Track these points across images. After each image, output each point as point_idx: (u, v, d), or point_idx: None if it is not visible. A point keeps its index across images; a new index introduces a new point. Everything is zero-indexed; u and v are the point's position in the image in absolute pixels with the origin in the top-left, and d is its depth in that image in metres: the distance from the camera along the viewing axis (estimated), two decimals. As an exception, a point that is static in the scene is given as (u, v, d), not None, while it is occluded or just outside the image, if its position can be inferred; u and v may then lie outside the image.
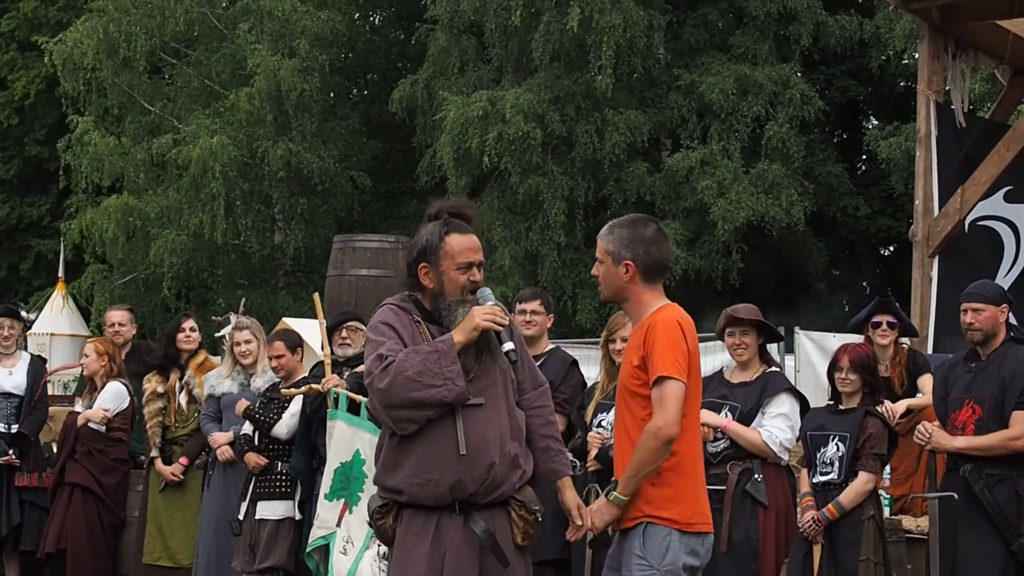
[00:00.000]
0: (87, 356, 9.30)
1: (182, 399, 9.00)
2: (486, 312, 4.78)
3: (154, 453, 8.91)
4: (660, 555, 4.76)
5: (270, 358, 8.25)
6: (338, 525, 7.13)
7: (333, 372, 7.59)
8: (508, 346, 4.80)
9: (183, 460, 8.87)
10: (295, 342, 8.33)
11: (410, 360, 4.71)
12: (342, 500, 7.16)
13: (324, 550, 7.24)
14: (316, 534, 7.27)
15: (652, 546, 4.77)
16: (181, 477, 8.87)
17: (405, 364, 4.71)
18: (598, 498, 4.99)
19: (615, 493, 4.77)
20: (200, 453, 8.92)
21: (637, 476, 4.74)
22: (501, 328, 4.79)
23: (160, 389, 9.00)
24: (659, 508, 4.77)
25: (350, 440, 7.16)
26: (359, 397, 7.07)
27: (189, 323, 9.21)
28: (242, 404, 8.30)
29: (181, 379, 9.03)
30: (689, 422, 4.86)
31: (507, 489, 4.83)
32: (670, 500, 4.78)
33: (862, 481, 6.60)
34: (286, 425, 8.07)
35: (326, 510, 7.24)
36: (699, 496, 4.87)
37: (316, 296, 8.17)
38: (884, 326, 8.12)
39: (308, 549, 7.35)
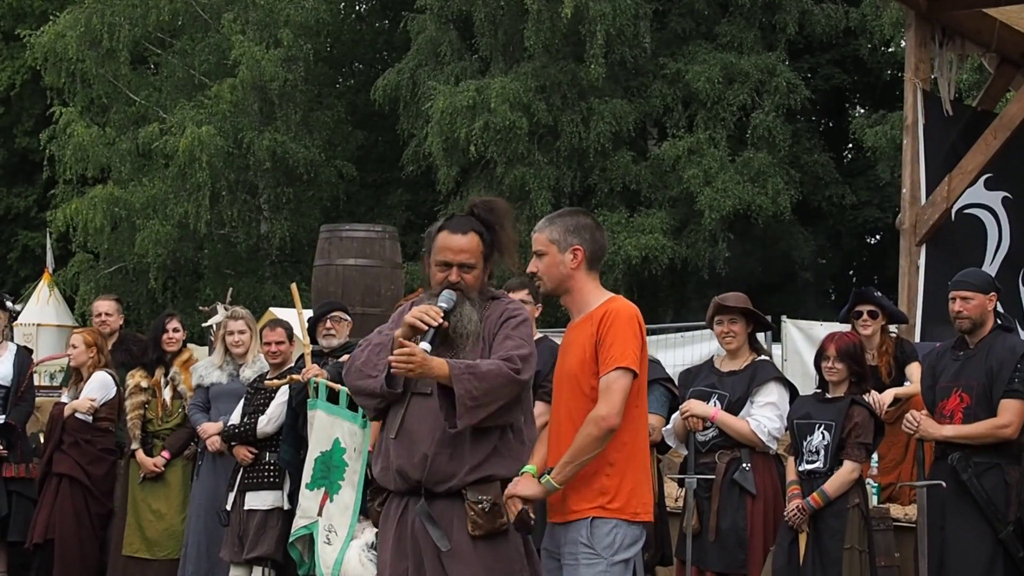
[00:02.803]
0: (74, 347, 9.28)
1: (167, 394, 8.98)
2: (418, 310, 4.78)
3: (135, 445, 8.88)
4: (608, 546, 4.74)
5: (269, 343, 8.25)
6: (319, 514, 7.13)
7: (316, 362, 7.62)
8: (423, 346, 4.73)
9: (165, 453, 8.86)
10: (291, 331, 8.39)
11: (364, 352, 4.93)
12: (323, 489, 7.15)
13: (308, 540, 7.25)
14: (298, 524, 7.28)
15: (600, 537, 4.74)
16: (162, 469, 8.85)
17: (359, 355, 4.95)
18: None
19: (548, 478, 4.70)
20: (184, 447, 8.91)
21: (574, 463, 4.70)
22: (425, 328, 4.74)
23: (144, 384, 8.98)
24: (610, 499, 4.76)
25: (329, 429, 7.17)
26: (338, 386, 7.11)
27: (173, 324, 9.17)
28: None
29: (166, 375, 9.01)
30: (639, 413, 4.87)
31: (457, 483, 4.80)
32: (620, 490, 4.76)
33: (847, 470, 6.60)
34: (270, 418, 8.07)
35: (307, 499, 7.24)
36: (646, 486, 4.87)
37: (293, 287, 8.20)
38: (865, 316, 8.10)
39: (291, 539, 7.36)
